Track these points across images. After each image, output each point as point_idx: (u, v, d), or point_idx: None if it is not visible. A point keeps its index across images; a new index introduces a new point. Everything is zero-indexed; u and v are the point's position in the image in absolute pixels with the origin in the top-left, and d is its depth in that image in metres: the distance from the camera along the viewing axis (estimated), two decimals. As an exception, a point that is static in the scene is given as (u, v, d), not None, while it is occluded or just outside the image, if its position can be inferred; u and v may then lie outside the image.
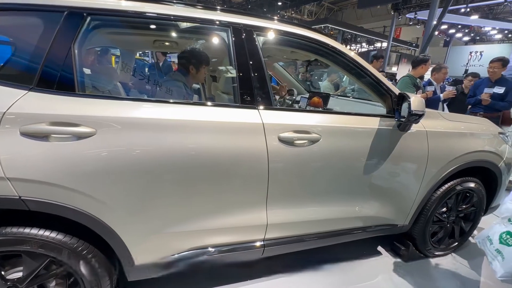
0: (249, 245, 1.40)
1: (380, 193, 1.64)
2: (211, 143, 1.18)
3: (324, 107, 2.15)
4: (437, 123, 1.73)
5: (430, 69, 3.59)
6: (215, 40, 1.52)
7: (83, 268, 1.11)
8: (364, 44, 21.18)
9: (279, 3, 14.77)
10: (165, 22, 1.30)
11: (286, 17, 16.78)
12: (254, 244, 1.41)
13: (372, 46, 20.24)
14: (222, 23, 1.29)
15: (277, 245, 1.47)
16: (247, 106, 1.27)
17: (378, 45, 19.79)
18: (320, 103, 2.17)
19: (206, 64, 1.85)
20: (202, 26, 1.35)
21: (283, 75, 3.01)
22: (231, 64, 1.33)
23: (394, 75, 10.04)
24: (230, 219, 1.31)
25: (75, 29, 1.06)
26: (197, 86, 2.67)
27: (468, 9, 12.63)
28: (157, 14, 1.20)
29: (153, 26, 1.42)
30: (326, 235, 1.60)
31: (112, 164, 1.04)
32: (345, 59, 1.53)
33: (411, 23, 15.34)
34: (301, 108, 2.33)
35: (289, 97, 2.70)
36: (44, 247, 1.03)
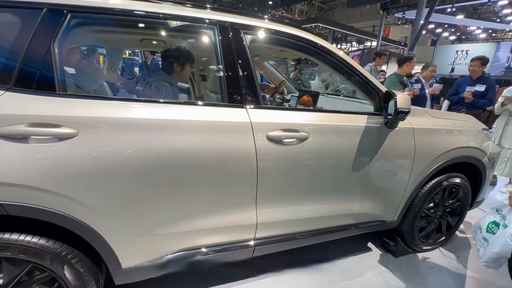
0: (239, 245, 1.39)
1: (369, 189, 1.66)
2: (198, 143, 1.16)
3: (314, 105, 2.16)
4: (423, 120, 1.77)
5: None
6: (202, 38, 1.50)
7: (67, 273, 1.08)
8: (354, 43, 21.42)
9: (270, 2, 14.75)
10: (150, 20, 1.27)
11: (277, 16, 16.81)
12: (244, 244, 1.40)
13: (362, 45, 20.49)
14: (208, 21, 1.28)
15: (267, 244, 1.47)
16: (235, 105, 1.26)
17: (368, 44, 20.05)
18: (310, 101, 2.17)
19: (191, 62, 1.82)
20: (189, 25, 1.33)
21: (273, 74, 3.00)
22: (218, 63, 1.31)
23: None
24: (219, 219, 1.30)
25: (55, 27, 1.03)
26: (186, 86, 2.64)
27: (454, 9, 12.94)
28: (142, 12, 1.17)
29: (138, 24, 1.39)
30: (316, 233, 1.60)
31: (96, 166, 1.01)
32: (334, 58, 1.53)
33: (399, 22, 15.61)
34: (290, 106, 2.33)
35: (279, 96, 2.71)
36: (25, 252, 1.00)
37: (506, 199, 1.45)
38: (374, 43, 16.53)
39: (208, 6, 1.34)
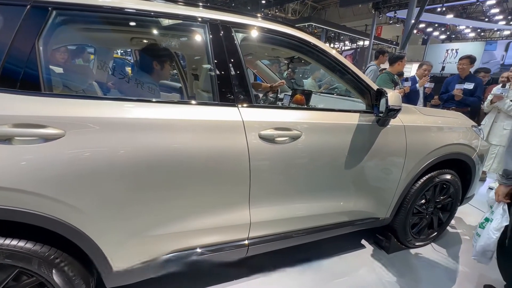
0: (232, 244, 1.38)
1: (361, 187, 1.67)
2: (190, 142, 1.15)
3: (307, 104, 2.16)
4: (414, 118, 1.79)
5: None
6: (193, 37, 1.48)
7: (56, 277, 1.05)
8: (347, 43, 21.58)
9: (263, 1, 14.74)
10: (140, 18, 1.25)
11: (270, 15, 16.81)
12: (238, 244, 1.39)
13: (355, 45, 20.66)
14: (198, 19, 1.26)
15: (261, 243, 1.46)
16: (227, 104, 1.25)
17: (360, 43, 20.22)
18: (303, 100, 2.18)
19: (170, 60, 1.79)
20: (179, 23, 1.31)
21: (267, 73, 3.00)
22: (209, 62, 1.30)
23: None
24: (212, 219, 1.28)
25: (39, 24, 1.00)
26: (179, 85, 2.62)
27: (444, 9, 13.18)
28: (132, 9, 1.15)
29: (127, 23, 1.36)
30: (310, 231, 1.61)
31: (84, 167, 0.98)
32: (326, 57, 1.53)
33: (391, 21, 15.77)
34: (282, 105, 2.33)
35: (272, 95, 2.70)
36: (11, 257, 0.97)
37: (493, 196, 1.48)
38: (367, 42, 16.68)
39: (200, 4, 1.32)
